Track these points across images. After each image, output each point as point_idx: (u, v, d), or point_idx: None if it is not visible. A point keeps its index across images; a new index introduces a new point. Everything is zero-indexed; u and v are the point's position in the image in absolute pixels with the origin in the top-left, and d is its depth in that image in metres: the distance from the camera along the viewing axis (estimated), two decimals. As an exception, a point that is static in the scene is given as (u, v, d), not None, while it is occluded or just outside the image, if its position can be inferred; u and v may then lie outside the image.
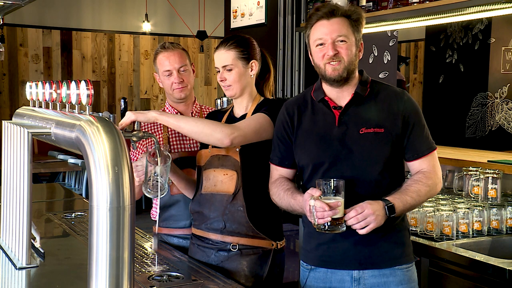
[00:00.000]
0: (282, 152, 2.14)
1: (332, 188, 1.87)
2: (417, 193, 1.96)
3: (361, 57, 2.04)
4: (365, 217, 1.85)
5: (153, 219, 2.78)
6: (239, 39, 2.31)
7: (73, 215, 2.91)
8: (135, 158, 2.61)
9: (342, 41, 1.96)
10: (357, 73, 2.05)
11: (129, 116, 2.08)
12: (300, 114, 2.09)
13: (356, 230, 1.88)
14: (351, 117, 2.01)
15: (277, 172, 2.17)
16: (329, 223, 1.85)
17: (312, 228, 2.00)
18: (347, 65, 1.97)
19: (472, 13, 3.09)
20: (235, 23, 4.92)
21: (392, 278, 2.01)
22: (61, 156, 7.01)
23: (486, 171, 2.85)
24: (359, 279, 2.01)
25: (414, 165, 2.04)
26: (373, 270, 2.00)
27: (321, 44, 1.98)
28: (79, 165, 6.44)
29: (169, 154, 2.13)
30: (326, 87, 2.06)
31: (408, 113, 2.00)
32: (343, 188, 1.87)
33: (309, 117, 2.08)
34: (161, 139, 2.62)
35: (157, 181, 2.10)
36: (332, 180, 1.89)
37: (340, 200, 1.86)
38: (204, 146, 2.37)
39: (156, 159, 2.08)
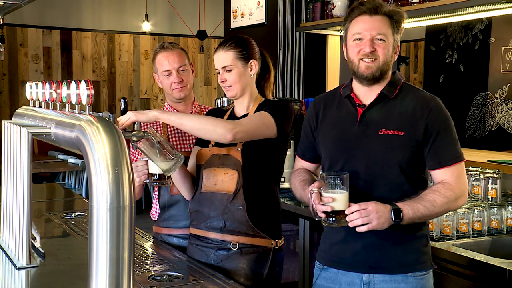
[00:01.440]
0: (306, 146, 2.17)
1: (335, 181, 1.84)
2: (431, 203, 1.89)
3: (396, 59, 1.99)
4: (367, 214, 1.82)
5: (153, 219, 2.78)
6: (238, 39, 2.31)
7: (73, 215, 2.91)
8: (135, 158, 2.61)
9: (380, 39, 1.93)
10: (389, 74, 2.01)
11: (130, 117, 2.07)
12: (326, 109, 2.09)
13: (356, 228, 1.84)
14: (372, 116, 1.98)
15: (299, 163, 2.20)
16: (334, 218, 1.84)
17: (327, 228, 1.99)
18: (382, 65, 1.94)
19: (472, 13, 3.09)
20: (235, 23, 4.92)
21: (404, 284, 1.96)
22: (61, 156, 7.02)
23: (486, 171, 2.85)
24: (369, 283, 1.97)
25: (436, 175, 1.96)
26: (383, 275, 1.96)
27: (359, 39, 1.95)
28: (79, 165, 6.45)
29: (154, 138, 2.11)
30: (356, 84, 2.03)
31: (433, 120, 1.93)
32: (347, 181, 1.84)
33: (333, 112, 2.07)
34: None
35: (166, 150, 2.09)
36: (335, 173, 1.86)
37: (340, 194, 1.83)
38: (200, 144, 2.38)
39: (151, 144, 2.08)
